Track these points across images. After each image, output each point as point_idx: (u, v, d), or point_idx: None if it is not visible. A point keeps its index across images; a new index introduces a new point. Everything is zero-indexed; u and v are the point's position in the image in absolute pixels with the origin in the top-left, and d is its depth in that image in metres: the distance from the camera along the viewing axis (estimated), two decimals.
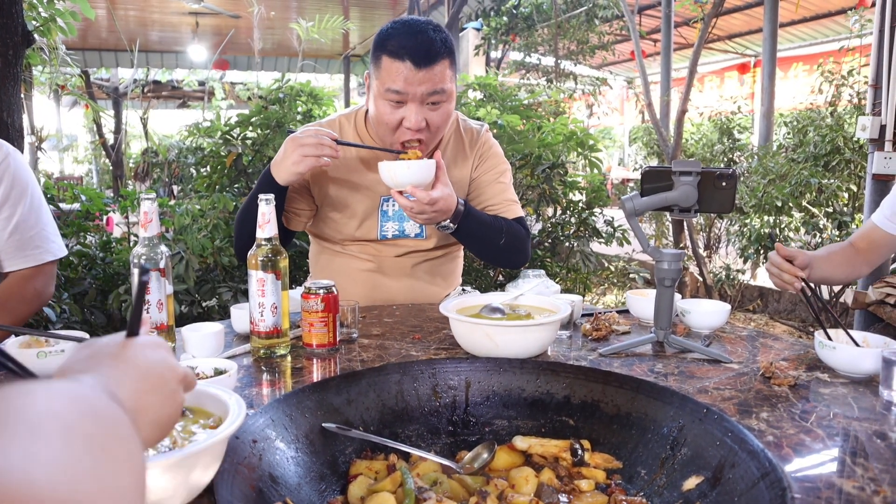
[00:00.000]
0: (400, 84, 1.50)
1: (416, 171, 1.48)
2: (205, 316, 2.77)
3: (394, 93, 1.52)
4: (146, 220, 1.23)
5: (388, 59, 1.51)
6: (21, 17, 2.48)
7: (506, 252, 1.72)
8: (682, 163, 1.28)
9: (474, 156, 1.81)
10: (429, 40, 1.50)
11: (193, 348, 1.25)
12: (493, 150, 1.83)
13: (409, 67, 1.49)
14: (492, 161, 1.82)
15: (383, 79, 1.53)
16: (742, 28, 9.98)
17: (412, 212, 1.51)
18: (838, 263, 1.60)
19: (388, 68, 1.51)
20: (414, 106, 1.53)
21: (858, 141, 4.48)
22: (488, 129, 1.86)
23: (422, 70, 1.49)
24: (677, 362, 1.26)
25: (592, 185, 3.57)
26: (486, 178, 1.81)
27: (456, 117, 1.83)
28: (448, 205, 1.53)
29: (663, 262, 1.30)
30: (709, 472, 0.84)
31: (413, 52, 1.48)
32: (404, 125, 1.55)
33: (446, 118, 1.60)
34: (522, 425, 1.04)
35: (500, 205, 1.79)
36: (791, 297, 5.27)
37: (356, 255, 1.79)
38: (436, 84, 1.52)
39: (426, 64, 1.49)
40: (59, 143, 14.78)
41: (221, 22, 9.54)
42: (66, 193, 3.12)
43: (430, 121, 1.57)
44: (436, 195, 1.49)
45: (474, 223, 1.63)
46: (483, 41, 8.31)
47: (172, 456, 0.67)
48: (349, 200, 1.73)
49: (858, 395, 1.10)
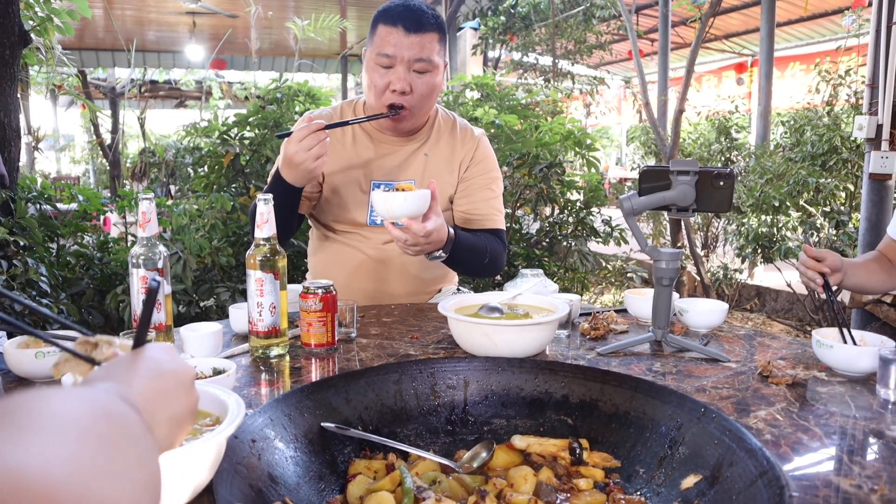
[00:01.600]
0: (390, 48, 1.61)
1: (413, 202, 1.46)
2: (202, 316, 2.77)
3: (384, 56, 1.62)
4: (144, 220, 1.23)
5: (382, 27, 1.63)
6: (18, 17, 2.47)
7: (485, 269, 1.79)
8: (680, 162, 1.29)
9: (465, 154, 1.83)
10: (421, 12, 1.63)
11: (192, 348, 1.25)
12: (487, 155, 1.86)
13: (400, 32, 1.60)
14: (485, 165, 1.85)
15: (376, 45, 1.64)
16: (739, 28, 10.00)
17: (405, 244, 1.51)
18: (874, 271, 1.56)
19: (381, 34, 1.63)
20: (401, 69, 1.62)
21: (855, 140, 4.49)
22: (485, 134, 1.91)
23: (411, 35, 1.60)
24: (675, 361, 1.26)
25: (590, 184, 3.58)
26: (477, 181, 1.83)
27: (454, 117, 1.89)
28: (441, 235, 1.54)
29: (661, 261, 1.30)
30: (707, 470, 0.84)
31: (405, 18, 1.61)
32: (390, 87, 1.63)
33: (430, 89, 1.68)
34: (521, 424, 1.04)
35: (486, 214, 1.82)
36: (788, 295, 5.29)
37: (348, 242, 1.81)
38: (424, 51, 1.62)
39: (416, 30, 1.61)
40: (56, 143, 14.76)
41: (218, 22, 9.52)
42: (64, 193, 3.11)
43: (415, 87, 1.64)
44: (430, 227, 1.49)
45: (464, 250, 1.66)
46: (480, 41, 8.32)
47: (172, 455, 0.67)
48: (341, 183, 1.77)
49: (856, 393, 1.10)
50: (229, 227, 2.88)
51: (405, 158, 1.79)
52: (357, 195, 1.77)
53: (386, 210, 1.48)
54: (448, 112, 1.90)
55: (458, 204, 1.83)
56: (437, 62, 1.66)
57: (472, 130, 1.87)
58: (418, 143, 1.81)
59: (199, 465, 0.70)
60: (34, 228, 2.55)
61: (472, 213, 1.82)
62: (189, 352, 1.24)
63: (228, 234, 2.87)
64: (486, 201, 1.83)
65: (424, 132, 1.83)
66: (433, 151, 1.82)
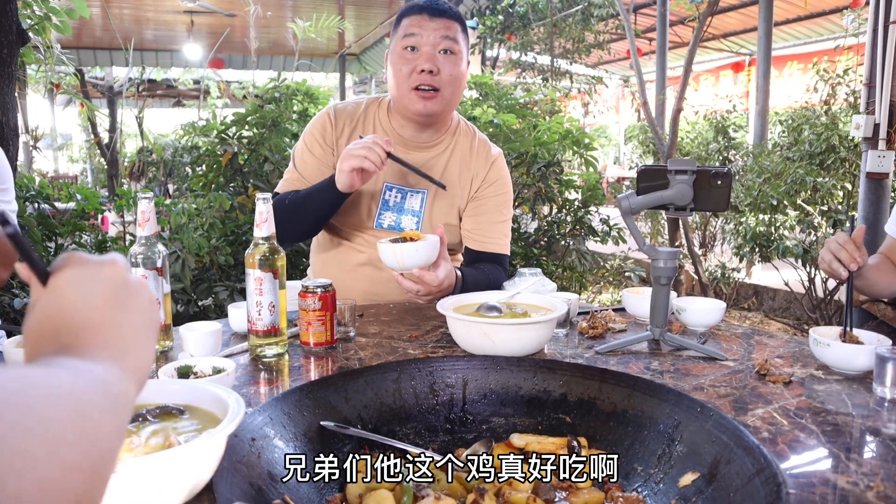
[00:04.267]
0: (415, 29, 1.66)
1: (424, 252, 1.46)
2: (201, 315, 2.77)
3: (410, 37, 1.66)
4: (143, 220, 1.23)
5: (406, 19, 1.69)
6: (15, 15, 2.47)
7: None
8: (678, 161, 1.29)
9: (481, 171, 1.82)
10: (444, 4, 1.70)
11: (191, 347, 1.25)
12: (502, 176, 1.85)
13: (424, 17, 1.66)
14: (499, 187, 1.84)
15: (400, 34, 1.69)
16: (737, 27, 10.00)
17: (418, 294, 1.53)
18: (886, 272, 1.55)
19: (405, 24, 1.69)
20: (427, 49, 1.66)
21: (853, 139, 4.50)
22: (503, 155, 1.90)
23: (436, 19, 1.66)
24: (673, 360, 1.27)
25: (588, 183, 3.58)
26: (489, 203, 1.82)
27: (473, 129, 1.88)
28: (451, 281, 1.56)
29: (659, 260, 1.31)
30: (704, 468, 0.84)
31: (429, 7, 1.67)
32: (416, 69, 1.65)
33: (458, 77, 1.70)
34: (519, 423, 1.05)
35: (492, 238, 1.81)
36: (786, 294, 5.30)
37: (353, 243, 1.80)
38: (448, 31, 1.66)
39: (439, 15, 1.67)
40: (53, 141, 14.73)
41: (216, 21, 9.51)
42: (62, 192, 3.11)
43: (442, 68, 1.67)
44: (442, 276, 1.51)
45: (468, 287, 1.65)
46: (479, 40, 8.32)
47: (171, 454, 0.67)
48: None
49: (852, 391, 1.10)
50: (228, 226, 2.88)
51: (420, 165, 1.76)
52: (368, 197, 1.77)
53: (396, 262, 1.47)
54: (469, 124, 1.90)
55: (466, 222, 1.83)
56: (461, 47, 1.70)
57: (490, 148, 1.86)
58: (437, 151, 1.81)
59: (200, 464, 0.70)
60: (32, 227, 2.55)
61: (479, 235, 1.81)
62: (188, 351, 1.25)
63: (227, 234, 2.87)
64: (494, 224, 1.82)
65: (445, 140, 1.82)
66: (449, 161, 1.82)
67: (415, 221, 1.78)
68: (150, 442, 0.73)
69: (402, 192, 1.78)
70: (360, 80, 15.70)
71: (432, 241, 1.48)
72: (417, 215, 1.79)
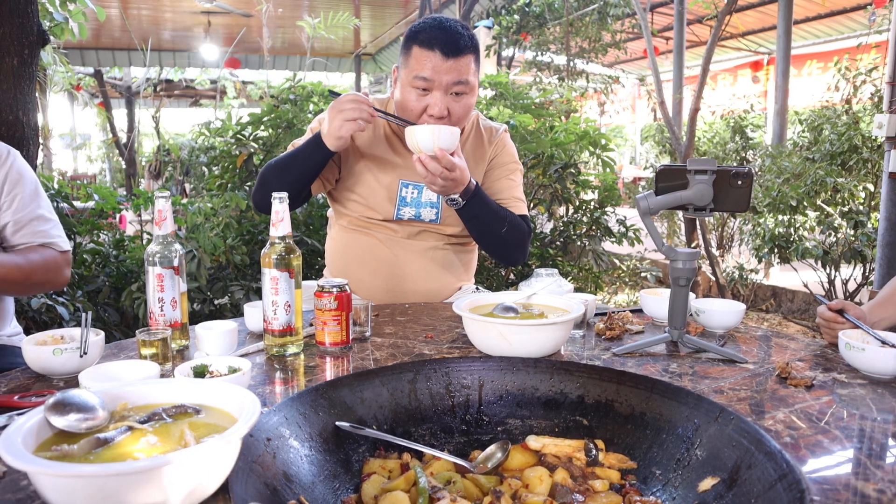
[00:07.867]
0: (428, 72, 1.61)
1: (455, 136, 1.54)
2: (217, 314, 2.78)
3: (421, 79, 1.62)
4: (161, 219, 1.24)
5: (418, 49, 1.63)
6: (36, 17, 2.49)
7: (506, 244, 1.77)
8: (698, 161, 1.27)
9: (490, 152, 1.87)
10: (457, 34, 1.62)
11: (207, 346, 1.25)
12: (507, 147, 1.90)
13: (437, 56, 1.60)
14: (505, 157, 1.88)
15: (412, 67, 1.63)
16: (756, 25, 9.90)
17: (431, 175, 1.55)
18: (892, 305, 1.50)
19: (418, 57, 1.62)
20: (439, 94, 1.63)
21: (876, 139, 4.43)
22: (507, 129, 1.94)
23: (449, 60, 1.61)
24: (691, 362, 1.25)
25: (604, 184, 3.56)
26: (498, 172, 1.87)
27: (476, 115, 1.90)
28: (463, 176, 1.59)
29: (678, 261, 1.29)
30: (725, 473, 0.83)
31: (442, 43, 1.60)
32: (428, 112, 1.65)
33: (467, 110, 1.69)
34: (536, 425, 1.04)
35: (507, 200, 1.84)
36: (805, 296, 5.23)
37: (372, 235, 1.82)
38: (461, 74, 1.63)
39: (453, 55, 1.61)
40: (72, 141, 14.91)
41: (233, 21, 9.58)
42: (80, 192, 3.14)
43: (452, 110, 1.66)
44: (457, 161, 1.55)
45: (482, 205, 1.68)
46: (494, 40, 8.29)
47: (187, 454, 0.67)
48: (372, 177, 1.78)
49: (877, 396, 1.08)
50: (243, 225, 2.89)
51: None
52: (385, 190, 1.78)
53: (431, 140, 1.52)
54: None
55: None
56: (473, 82, 1.67)
57: (494, 128, 1.90)
58: None
59: (215, 464, 0.70)
60: None
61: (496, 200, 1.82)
62: (204, 350, 1.25)
63: (242, 233, 2.89)
64: (507, 189, 1.85)
65: None
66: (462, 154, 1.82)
67: (434, 213, 1.80)
68: (165, 441, 0.73)
69: (419, 188, 1.79)
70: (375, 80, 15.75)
71: (452, 128, 1.55)
72: (436, 206, 1.81)
